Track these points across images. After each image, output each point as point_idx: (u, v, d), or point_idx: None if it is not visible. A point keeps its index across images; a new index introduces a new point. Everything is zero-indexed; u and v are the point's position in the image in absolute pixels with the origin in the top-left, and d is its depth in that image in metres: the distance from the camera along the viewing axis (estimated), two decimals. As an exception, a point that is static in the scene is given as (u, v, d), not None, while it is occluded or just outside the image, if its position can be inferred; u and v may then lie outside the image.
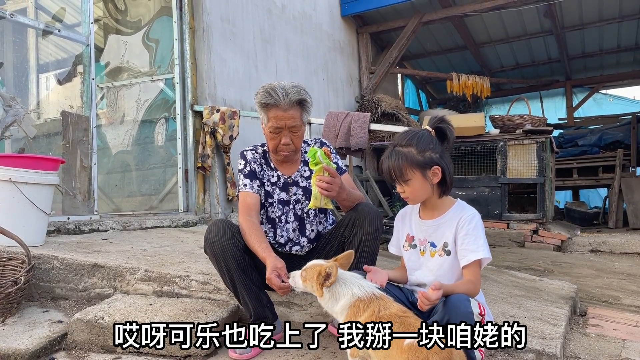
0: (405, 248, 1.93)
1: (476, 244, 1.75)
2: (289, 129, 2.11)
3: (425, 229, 1.87)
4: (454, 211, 1.84)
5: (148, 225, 4.00)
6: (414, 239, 1.91)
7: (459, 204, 1.87)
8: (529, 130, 6.11)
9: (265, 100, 2.11)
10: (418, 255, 1.88)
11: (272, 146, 2.17)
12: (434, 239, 1.85)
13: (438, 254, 1.83)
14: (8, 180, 2.72)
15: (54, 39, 4.61)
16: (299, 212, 2.23)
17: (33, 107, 4.95)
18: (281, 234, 2.23)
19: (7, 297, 2.30)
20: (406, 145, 1.78)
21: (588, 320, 2.72)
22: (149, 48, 5.18)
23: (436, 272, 1.82)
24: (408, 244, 1.92)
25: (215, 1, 4.88)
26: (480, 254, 1.74)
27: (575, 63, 10.15)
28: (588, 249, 5.76)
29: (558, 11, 7.70)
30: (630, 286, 3.88)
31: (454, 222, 1.81)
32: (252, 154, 2.25)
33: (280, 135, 2.12)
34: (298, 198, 2.24)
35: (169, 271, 2.49)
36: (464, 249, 1.76)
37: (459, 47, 9.05)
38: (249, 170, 2.21)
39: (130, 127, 5.18)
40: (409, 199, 1.83)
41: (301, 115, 2.14)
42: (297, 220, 2.24)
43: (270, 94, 2.10)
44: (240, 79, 5.12)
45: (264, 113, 2.14)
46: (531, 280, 3.48)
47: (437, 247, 1.83)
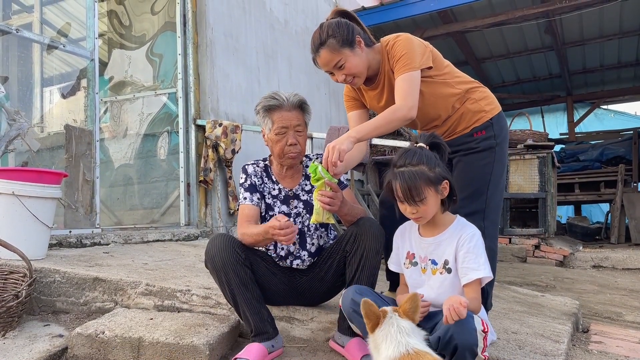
0: (406, 266, 1.92)
1: (477, 262, 1.76)
2: (294, 128, 2.16)
3: (425, 246, 1.87)
4: (454, 228, 1.84)
5: (150, 238, 4.00)
6: (414, 257, 1.90)
7: (459, 221, 1.87)
8: (531, 145, 6.12)
9: (269, 103, 2.17)
10: (419, 273, 1.88)
11: (277, 150, 2.18)
12: (435, 257, 1.85)
13: (439, 271, 1.82)
14: (11, 193, 2.73)
15: (58, 53, 4.66)
16: (299, 225, 2.23)
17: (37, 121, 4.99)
18: (281, 246, 2.23)
19: (8, 310, 2.30)
20: (417, 164, 1.78)
21: (590, 336, 2.70)
22: (153, 63, 5.23)
23: (437, 290, 1.82)
24: (409, 261, 1.92)
25: (218, 17, 4.93)
26: (481, 272, 1.74)
27: (576, 78, 10.19)
28: (590, 265, 5.73)
29: (559, 27, 7.75)
30: (633, 302, 3.86)
31: (454, 239, 1.81)
32: (253, 168, 2.27)
33: (286, 135, 2.15)
34: (299, 211, 2.24)
35: (170, 285, 2.49)
36: (465, 267, 1.76)
37: (461, 62, 9.09)
38: (249, 183, 2.23)
39: (133, 140, 5.21)
40: (421, 218, 1.81)
41: (303, 116, 2.21)
42: (297, 234, 2.24)
43: (273, 97, 2.18)
44: (242, 93, 5.15)
45: (268, 117, 2.17)
46: (533, 296, 3.47)
47: (438, 264, 1.83)
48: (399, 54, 2.11)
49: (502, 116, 2.29)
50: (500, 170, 2.24)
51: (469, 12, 7.19)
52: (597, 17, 7.39)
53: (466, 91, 2.24)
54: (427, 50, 2.16)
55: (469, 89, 2.26)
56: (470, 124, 2.24)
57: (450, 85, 2.22)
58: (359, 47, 2.15)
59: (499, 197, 2.25)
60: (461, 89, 2.24)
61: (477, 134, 2.22)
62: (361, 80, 2.22)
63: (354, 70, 2.15)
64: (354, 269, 2.05)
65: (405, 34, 2.18)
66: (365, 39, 2.20)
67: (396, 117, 2.03)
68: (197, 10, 4.82)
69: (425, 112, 2.24)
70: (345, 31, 2.12)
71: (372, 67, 2.22)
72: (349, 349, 2.02)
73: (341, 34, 2.11)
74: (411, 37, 2.17)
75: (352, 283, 2.04)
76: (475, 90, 2.27)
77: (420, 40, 2.18)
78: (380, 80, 2.24)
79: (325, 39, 2.11)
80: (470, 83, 2.29)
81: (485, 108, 2.25)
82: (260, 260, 2.18)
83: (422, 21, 7.40)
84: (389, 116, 2.03)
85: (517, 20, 7.11)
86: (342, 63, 2.13)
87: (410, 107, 2.03)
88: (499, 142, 2.24)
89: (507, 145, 2.34)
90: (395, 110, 2.03)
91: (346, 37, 2.11)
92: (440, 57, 2.26)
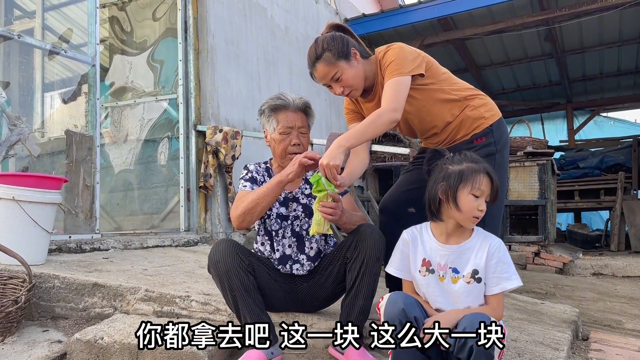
0: (423, 273, 1.87)
1: (509, 272, 1.79)
2: (299, 129, 2.21)
3: (447, 254, 1.85)
4: (478, 237, 1.84)
5: (149, 244, 4.00)
6: (431, 264, 1.86)
7: (478, 230, 1.87)
8: (531, 153, 6.12)
9: (276, 103, 2.23)
10: (437, 281, 1.84)
11: (280, 150, 2.21)
12: (457, 265, 1.83)
13: (465, 280, 1.80)
14: (11, 199, 2.73)
15: (59, 58, 4.67)
16: (297, 228, 2.23)
17: (38, 126, 4.99)
18: (277, 247, 2.23)
19: (7, 316, 2.30)
20: (477, 160, 1.86)
21: (590, 344, 2.70)
22: (154, 68, 5.24)
23: (464, 299, 1.80)
24: (425, 269, 1.87)
25: (220, 23, 4.95)
26: (514, 282, 1.78)
27: (576, 86, 10.21)
28: (590, 272, 5.73)
29: (558, 35, 7.78)
30: (633, 310, 3.85)
31: (482, 249, 1.81)
32: (255, 166, 2.32)
33: (290, 135, 2.20)
34: (297, 215, 2.24)
35: (170, 291, 2.48)
36: (497, 277, 1.78)
37: (461, 69, 9.12)
38: (250, 176, 2.26)
39: (134, 146, 5.22)
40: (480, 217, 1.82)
41: (307, 120, 2.26)
42: (294, 237, 2.24)
43: (280, 98, 2.23)
44: (243, 99, 5.17)
45: (273, 117, 2.22)
46: (533, 303, 3.46)
47: (461, 273, 1.81)
48: (389, 61, 2.13)
49: (503, 123, 2.30)
50: (501, 177, 2.25)
51: (469, 19, 7.22)
52: (597, 25, 7.41)
53: (465, 98, 2.25)
54: (419, 57, 2.17)
55: (468, 96, 2.26)
56: (470, 130, 2.24)
57: (446, 92, 2.23)
58: (354, 58, 2.17)
59: (500, 204, 2.25)
60: (459, 96, 2.24)
61: (477, 141, 2.23)
62: (358, 92, 2.23)
63: (350, 82, 2.17)
64: (354, 276, 2.05)
65: (398, 43, 2.19)
66: (360, 50, 2.22)
67: (381, 121, 2.03)
68: (198, 16, 4.84)
69: (421, 119, 2.25)
70: (340, 44, 2.14)
71: (368, 79, 2.24)
72: (348, 356, 2.01)
73: (336, 47, 2.13)
74: (404, 45, 2.18)
75: (353, 290, 2.04)
76: (474, 97, 2.28)
77: (413, 49, 2.19)
78: (377, 92, 2.26)
79: (321, 53, 2.14)
80: (469, 90, 2.30)
81: (485, 115, 2.25)
82: (263, 266, 2.19)
83: (423, 28, 7.43)
84: (374, 120, 2.04)
85: (517, 28, 7.14)
86: (338, 75, 2.15)
87: (393, 109, 2.03)
88: (499, 149, 2.24)
89: (508, 151, 2.34)
90: (379, 114, 2.04)
91: (341, 49, 2.14)
92: (437, 65, 2.27)
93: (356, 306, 2.04)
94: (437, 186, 1.83)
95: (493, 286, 1.78)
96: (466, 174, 1.78)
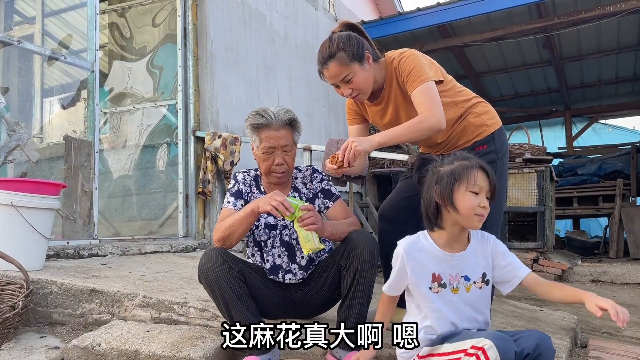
0: (435, 290, 1.75)
1: (518, 261, 1.80)
2: (282, 148, 2.13)
3: (455, 263, 1.77)
4: (475, 238, 1.82)
5: (147, 250, 3.99)
6: (441, 278, 1.75)
7: (472, 231, 1.85)
8: (529, 159, 6.13)
9: (257, 121, 2.14)
10: (450, 294, 1.75)
11: (264, 168, 2.16)
12: (468, 272, 1.77)
13: (477, 286, 1.76)
14: (9, 204, 2.73)
15: (59, 64, 4.68)
16: (286, 237, 2.21)
17: (36, 132, 5.00)
18: (267, 258, 2.21)
19: (5, 322, 2.29)
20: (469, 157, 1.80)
21: (589, 352, 2.69)
22: (153, 74, 5.25)
23: (476, 305, 1.77)
24: (437, 284, 1.75)
25: (219, 30, 4.97)
26: (526, 268, 1.79)
27: (574, 93, 10.25)
28: (589, 279, 5.73)
29: (557, 42, 7.82)
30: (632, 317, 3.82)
31: (485, 249, 1.80)
32: (243, 176, 2.27)
33: (273, 155, 2.12)
34: (286, 224, 2.22)
35: (167, 297, 2.48)
36: (511, 268, 1.78)
37: (459, 76, 9.15)
38: (236, 189, 2.22)
39: (132, 151, 5.22)
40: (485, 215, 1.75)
41: (292, 135, 2.17)
42: (283, 246, 2.21)
43: (261, 115, 2.14)
44: (242, 105, 5.17)
45: (255, 135, 2.15)
46: (531, 310, 3.46)
47: (472, 279, 1.76)
48: (408, 69, 2.11)
49: (503, 131, 2.31)
50: (501, 185, 2.25)
51: (467, 26, 7.26)
52: (595, 33, 7.45)
53: (468, 105, 2.26)
54: (434, 64, 2.18)
55: (472, 103, 2.27)
56: (471, 137, 2.24)
57: (452, 98, 2.23)
58: (367, 62, 2.15)
59: (500, 211, 2.24)
60: (463, 103, 2.25)
61: (478, 148, 2.23)
62: (366, 96, 2.21)
63: (361, 85, 2.15)
64: (349, 283, 2.03)
65: (411, 50, 2.19)
66: (373, 54, 2.19)
67: (423, 127, 2.01)
68: (197, 23, 4.86)
69: None
70: (355, 45, 2.11)
71: (377, 82, 2.22)
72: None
73: (352, 48, 2.10)
74: (416, 52, 2.18)
75: (348, 296, 2.03)
76: (477, 104, 2.29)
77: (425, 55, 2.19)
78: (385, 96, 2.24)
79: (335, 52, 2.10)
80: (473, 97, 2.30)
81: (487, 122, 2.25)
82: (255, 273, 2.16)
83: (421, 35, 7.46)
84: (415, 125, 2.01)
85: (515, 35, 7.18)
86: (350, 77, 2.12)
87: (438, 119, 2.02)
88: (500, 157, 2.25)
89: (508, 159, 2.34)
90: (421, 121, 2.01)
91: (356, 51, 2.11)
92: (444, 71, 2.27)
93: (352, 314, 2.02)
94: (431, 191, 1.75)
95: (512, 278, 1.78)
96: (459, 172, 1.71)
